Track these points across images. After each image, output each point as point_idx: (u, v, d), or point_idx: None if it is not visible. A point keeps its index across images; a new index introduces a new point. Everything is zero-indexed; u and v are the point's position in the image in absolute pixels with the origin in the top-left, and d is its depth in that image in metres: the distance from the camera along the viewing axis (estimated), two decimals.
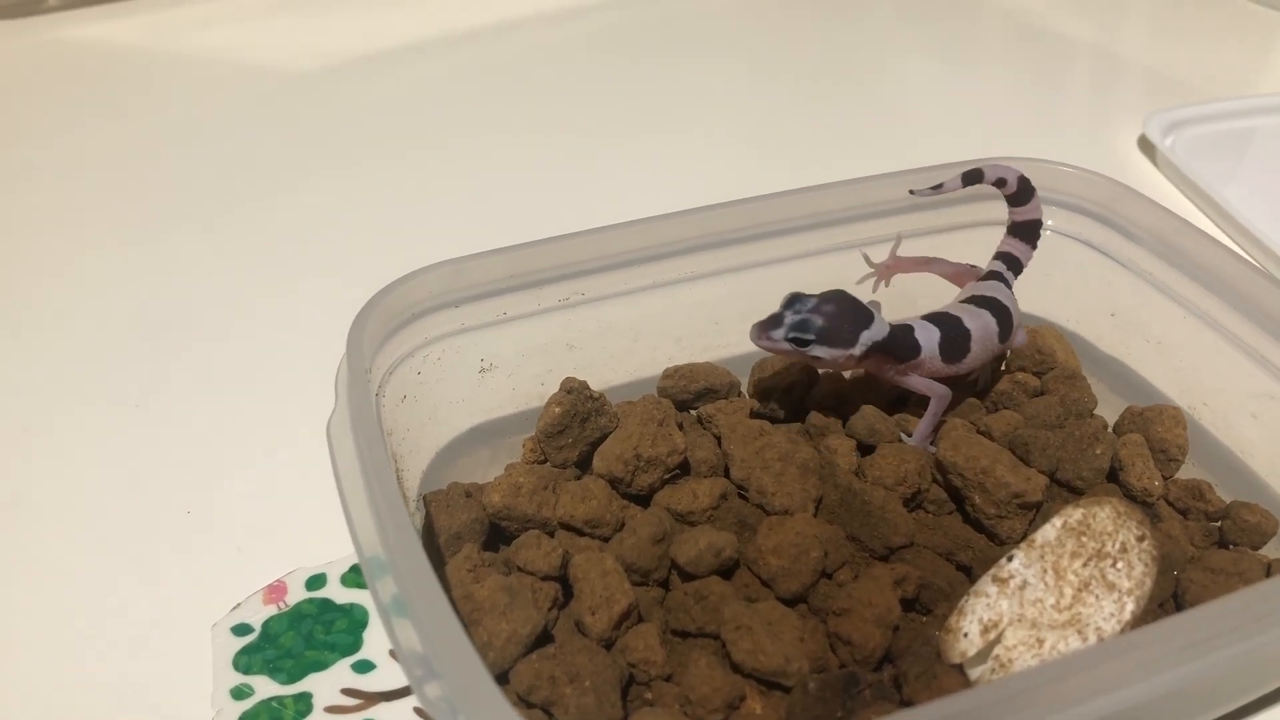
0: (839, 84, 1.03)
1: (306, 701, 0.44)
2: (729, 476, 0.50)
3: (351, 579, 0.50)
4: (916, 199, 0.56)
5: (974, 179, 0.54)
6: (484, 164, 0.86)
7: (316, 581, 0.50)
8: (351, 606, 0.49)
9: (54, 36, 1.08)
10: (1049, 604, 0.41)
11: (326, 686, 0.45)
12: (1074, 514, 0.43)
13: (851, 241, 0.58)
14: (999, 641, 0.41)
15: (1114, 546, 0.42)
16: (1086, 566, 0.41)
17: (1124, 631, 0.40)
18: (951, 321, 0.51)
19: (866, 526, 0.47)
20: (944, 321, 0.51)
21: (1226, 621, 0.36)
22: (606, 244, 0.54)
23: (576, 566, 0.44)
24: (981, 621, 0.41)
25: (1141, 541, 0.42)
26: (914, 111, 0.99)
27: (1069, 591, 0.41)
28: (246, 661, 0.46)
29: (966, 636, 0.41)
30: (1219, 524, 0.51)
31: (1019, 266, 0.56)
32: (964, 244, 0.59)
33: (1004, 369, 0.59)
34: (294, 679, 0.45)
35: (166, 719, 0.44)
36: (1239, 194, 0.78)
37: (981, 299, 0.53)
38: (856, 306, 0.49)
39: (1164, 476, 0.53)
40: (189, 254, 0.74)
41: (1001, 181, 0.54)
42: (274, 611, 0.48)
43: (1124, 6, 1.25)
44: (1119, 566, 0.41)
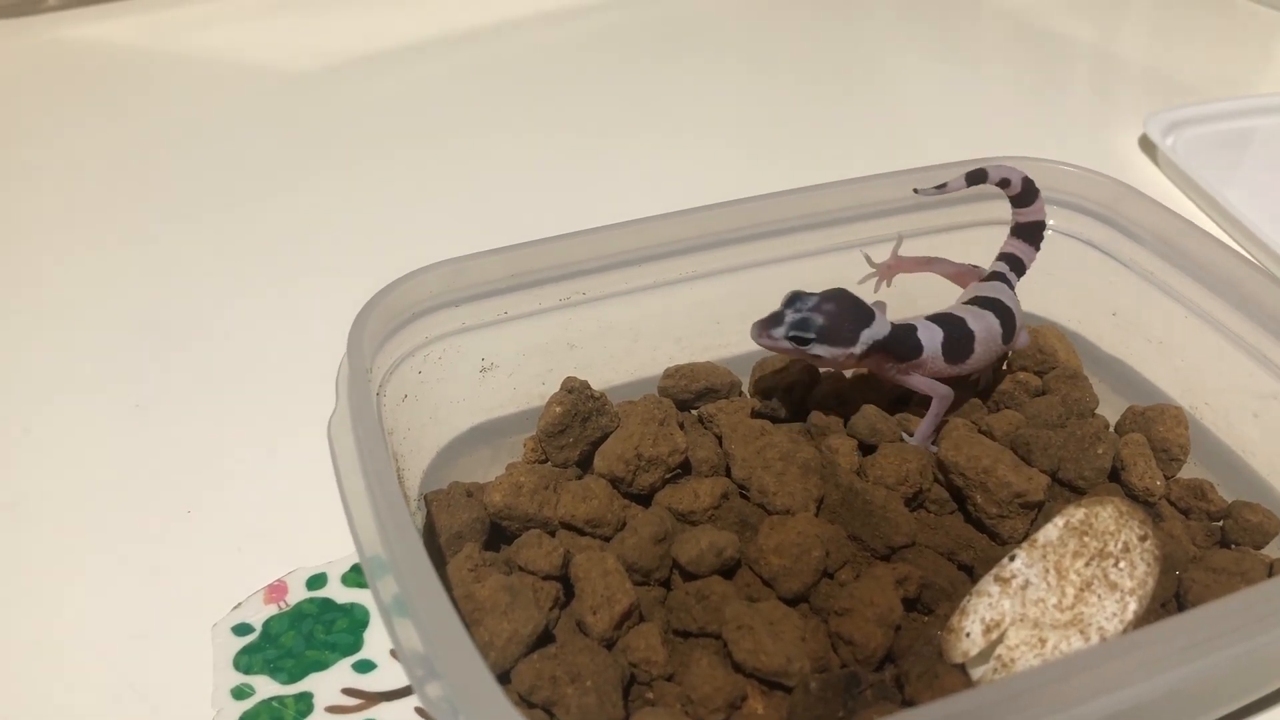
0: (839, 84, 1.03)
1: (307, 701, 0.44)
2: (730, 476, 0.50)
3: (352, 579, 0.50)
4: (917, 198, 0.56)
5: (978, 179, 0.54)
6: (484, 164, 0.86)
7: (317, 581, 0.49)
8: (352, 606, 0.48)
9: (54, 36, 1.08)
10: (1051, 604, 0.41)
11: (327, 686, 0.45)
12: (1076, 514, 0.43)
13: (852, 241, 0.58)
14: (1001, 641, 0.41)
15: (1116, 546, 0.42)
16: (1089, 566, 0.41)
17: (1126, 631, 0.40)
18: (955, 322, 0.51)
19: (868, 526, 0.47)
20: (948, 322, 0.51)
21: (1228, 621, 0.36)
22: (607, 243, 0.54)
23: (578, 566, 0.44)
24: (983, 621, 0.41)
25: (1144, 541, 0.42)
26: (914, 111, 0.99)
27: (1071, 591, 0.41)
28: (247, 661, 0.46)
29: (969, 636, 0.41)
30: (1221, 524, 0.51)
31: (1022, 267, 0.56)
32: (965, 244, 0.59)
33: (1005, 369, 0.58)
34: (295, 679, 0.45)
35: (167, 719, 0.43)
36: (1240, 194, 0.78)
37: (985, 300, 0.53)
38: (857, 305, 0.49)
39: (1166, 476, 0.52)
40: (189, 254, 0.74)
41: (1005, 182, 0.54)
42: (275, 611, 0.48)
43: (1124, 6, 1.26)
44: (1121, 566, 0.41)
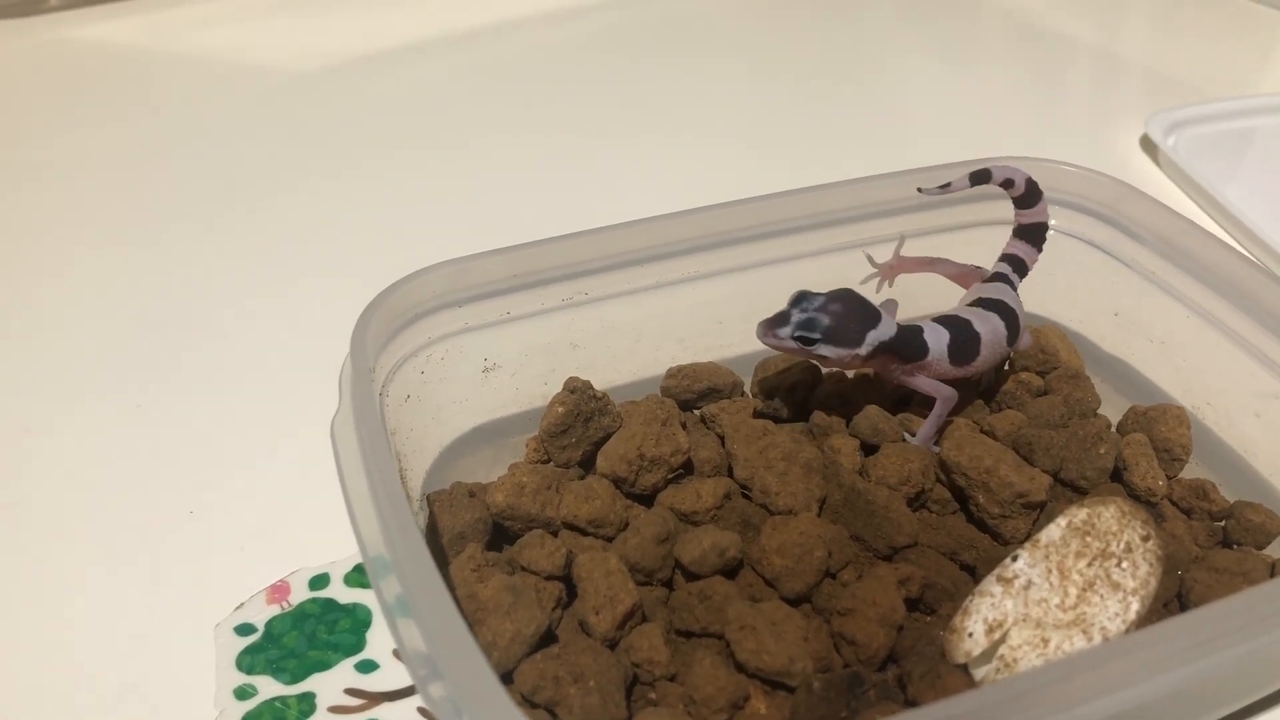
0: (839, 84, 1.03)
1: (310, 701, 0.44)
2: (733, 476, 0.50)
3: (355, 579, 0.50)
4: (919, 199, 0.56)
5: (982, 179, 0.54)
6: (485, 164, 0.86)
7: (320, 581, 0.49)
8: (355, 606, 0.48)
9: (54, 36, 1.08)
10: (1054, 604, 0.41)
11: (330, 686, 0.45)
12: (1078, 514, 0.43)
13: (854, 241, 0.58)
14: (1004, 641, 0.41)
15: (1119, 546, 0.42)
16: (1091, 566, 0.41)
17: (1129, 631, 0.40)
18: (961, 324, 0.51)
19: (870, 526, 0.47)
20: (954, 324, 0.51)
21: (1231, 621, 0.36)
22: (609, 244, 0.54)
23: (580, 566, 0.44)
24: (986, 621, 0.41)
25: (1146, 541, 0.42)
26: (915, 111, 0.99)
27: (1074, 591, 0.41)
28: (250, 661, 0.46)
29: (971, 636, 0.41)
30: (1223, 524, 0.51)
31: (1024, 269, 0.56)
32: (966, 244, 0.59)
33: (1007, 369, 0.58)
34: (297, 679, 0.45)
35: (169, 719, 0.43)
36: (1241, 193, 0.78)
37: (989, 302, 0.53)
38: (864, 306, 0.49)
39: (1168, 476, 0.53)
40: (190, 254, 0.74)
41: (1009, 183, 0.54)
42: (277, 611, 0.48)
43: (1125, 6, 1.26)
44: (1124, 566, 0.41)
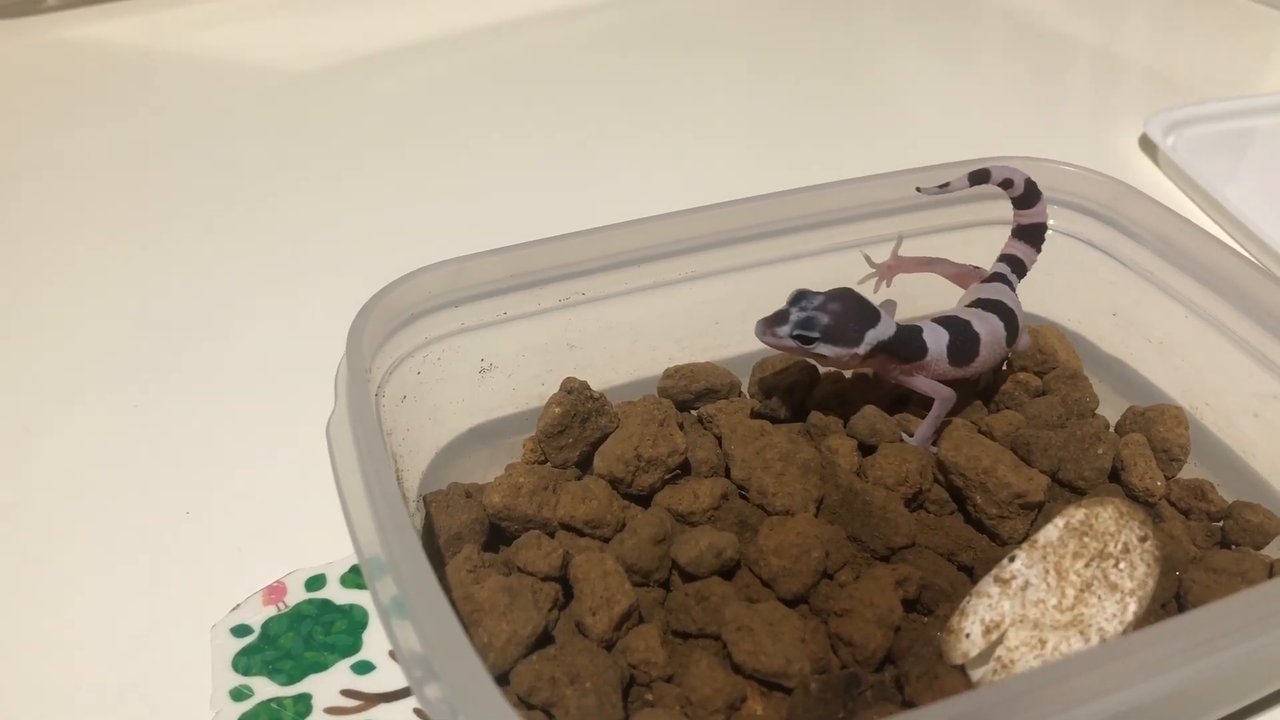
0: (839, 84, 1.03)
1: (306, 703, 0.44)
2: (730, 477, 0.50)
3: (351, 580, 0.50)
4: (917, 198, 0.56)
5: (981, 179, 0.54)
6: (484, 164, 0.86)
7: (316, 582, 0.49)
8: (351, 607, 0.48)
9: (54, 36, 1.08)
10: (1051, 605, 0.41)
11: (326, 688, 0.45)
12: (1076, 514, 0.43)
13: (853, 241, 0.58)
14: (1001, 642, 0.41)
15: (1116, 547, 0.42)
16: (1089, 567, 0.41)
17: (1126, 632, 0.40)
18: (960, 325, 0.51)
19: (868, 527, 0.47)
20: (953, 325, 0.51)
21: (1229, 622, 0.36)
22: (606, 244, 0.54)
23: (577, 567, 0.44)
24: (983, 622, 0.41)
25: (1144, 542, 0.42)
26: (914, 111, 0.99)
27: (1071, 592, 0.41)
28: (246, 663, 0.46)
29: (968, 637, 0.41)
30: (1221, 524, 0.51)
31: (1023, 269, 0.56)
32: (965, 244, 0.59)
33: (1005, 369, 0.58)
34: (293, 680, 0.45)
35: None
36: (1240, 193, 0.78)
37: (988, 302, 0.53)
38: (863, 305, 0.49)
39: (1166, 476, 0.52)
40: (188, 254, 0.74)
41: (1008, 183, 0.54)
42: (273, 612, 0.48)
43: (1125, 6, 1.25)
44: (1121, 567, 0.41)
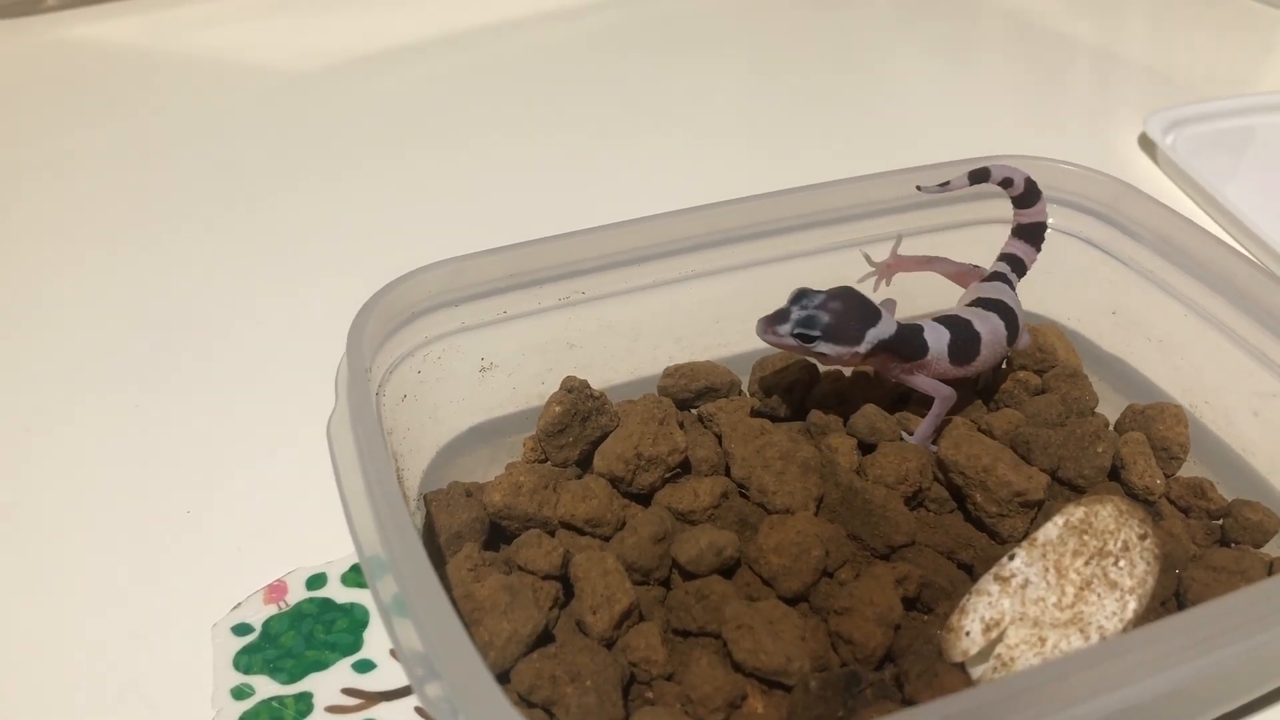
0: (839, 83, 1.03)
1: (307, 701, 0.44)
2: (730, 475, 0.50)
3: (352, 578, 0.50)
4: (917, 197, 0.56)
5: (981, 178, 0.53)
6: (484, 164, 0.86)
7: (317, 581, 0.49)
8: (352, 606, 0.48)
9: (53, 36, 1.08)
10: (1051, 603, 0.41)
11: (327, 686, 0.45)
12: (1076, 512, 0.43)
13: (852, 240, 0.58)
14: (1001, 640, 0.41)
15: (1116, 545, 0.42)
16: (1088, 565, 0.41)
17: (1126, 630, 0.40)
18: (961, 324, 0.51)
19: (868, 525, 0.47)
20: (954, 324, 0.51)
21: (1228, 620, 0.36)
22: (607, 242, 0.54)
23: (577, 566, 0.44)
24: (983, 620, 0.41)
25: (1143, 540, 0.42)
26: (914, 110, 0.99)
27: (1071, 590, 0.41)
28: (247, 661, 0.46)
29: (968, 635, 0.41)
30: (1221, 522, 0.51)
31: (1023, 268, 0.56)
32: (965, 243, 0.59)
33: (1005, 367, 0.58)
34: (294, 679, 0.45)
35: (167, 719, 0.43)
36: (1240, 192, 0.78)
37: (988, 301, 0.53)
38: (864, 304, 0.49)
39: (1165, 475, 0.52)
40: (188, 254, 0.74)
41: (1008, 182, 0.54)
42: (274, 611, 0.48)
43: (1124, 5, 1.25)
44: (1121, 565, 0.41)
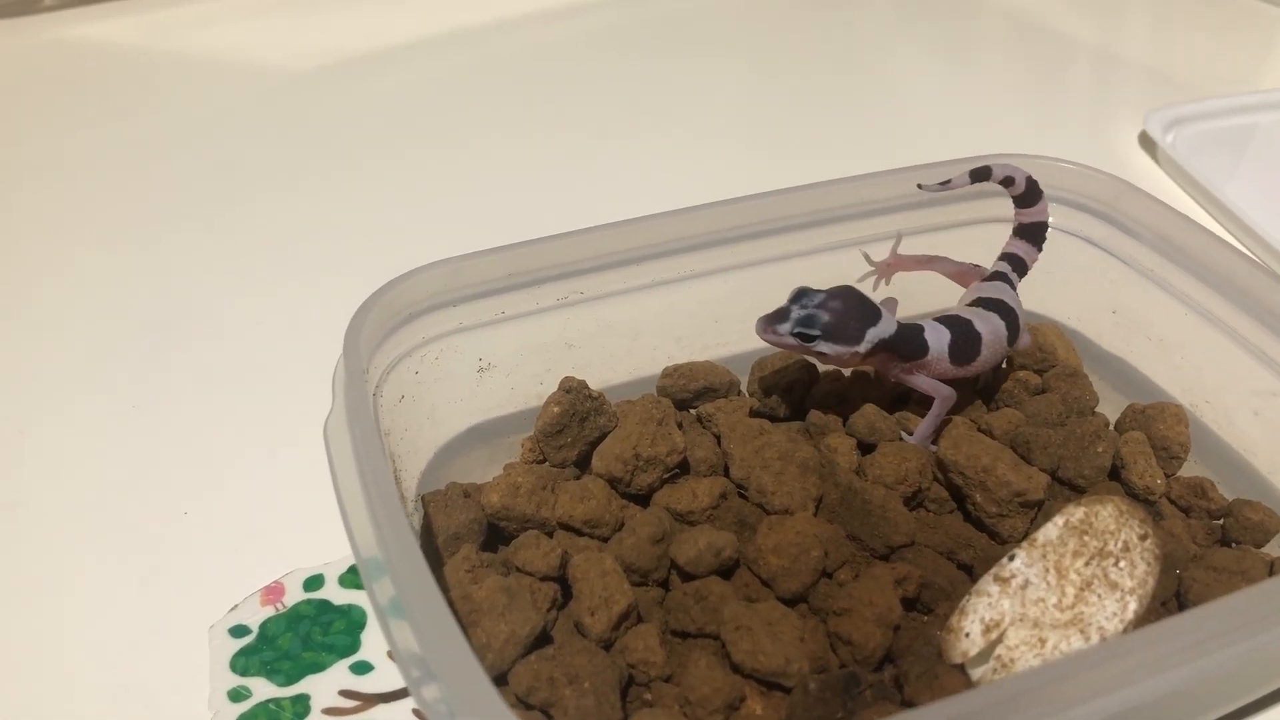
0: (839, 83, 1.03)
1: (304, 703, 0.44)
2: (729, 476, 0.50)
3: (349, 580, 0.49)
4: (917, 196, 0.56)
5: (982, 176, 0.53)
6: (483, 163, 0.86)
7: (314, 582, 0.49)
8: (349, 608, 0.48)
9: (51, 36, 1.07)
10: (1051, 603, 0.41)
11: (324, 688, 0.45)
12: (1076, 512, 0.43)
13: (852, 239, 0.58)
14: (1001, 641, 0.41)
15: (1116, 545, 0.42)
16: (1089, 565, 0.41)
17: (1126, 631, 0.40)
18: (962, 324, 0.51)
19: (867, 525, 0.47)
20: (955, 324, 0.51)
21: (1229, 620, 0.36)
22: (605, 242, 0.54)
23: (575, 567, 0.44)
24: (983, 621, 0.41)
25: (1144, 540, 0.42)
26: (914, 109, 0.98)
27: (1071, 591, 0.41)
28: (244, 663, 0.46)
29: (968, 636, 0.41)
30: (1221, 522, 0.51)
31: (1024, 268, 0.56)
32: (964, 242, 0.59)
33: (1005, 367, 0.58)
34: (291, 680, 0.45)
35: None
36: (1240, 190, 0.78)
37: (989, 301, 0.53)
38: (864, 303, 0.49)
39: (1166, 474, 0.52)
40: (186, 254, 0.74)
41: (1009, 181, 0.54)
42: (271, 613, 0.48)
43: (1124, 3, 1.25)
44: (1121, 565, 0.41)
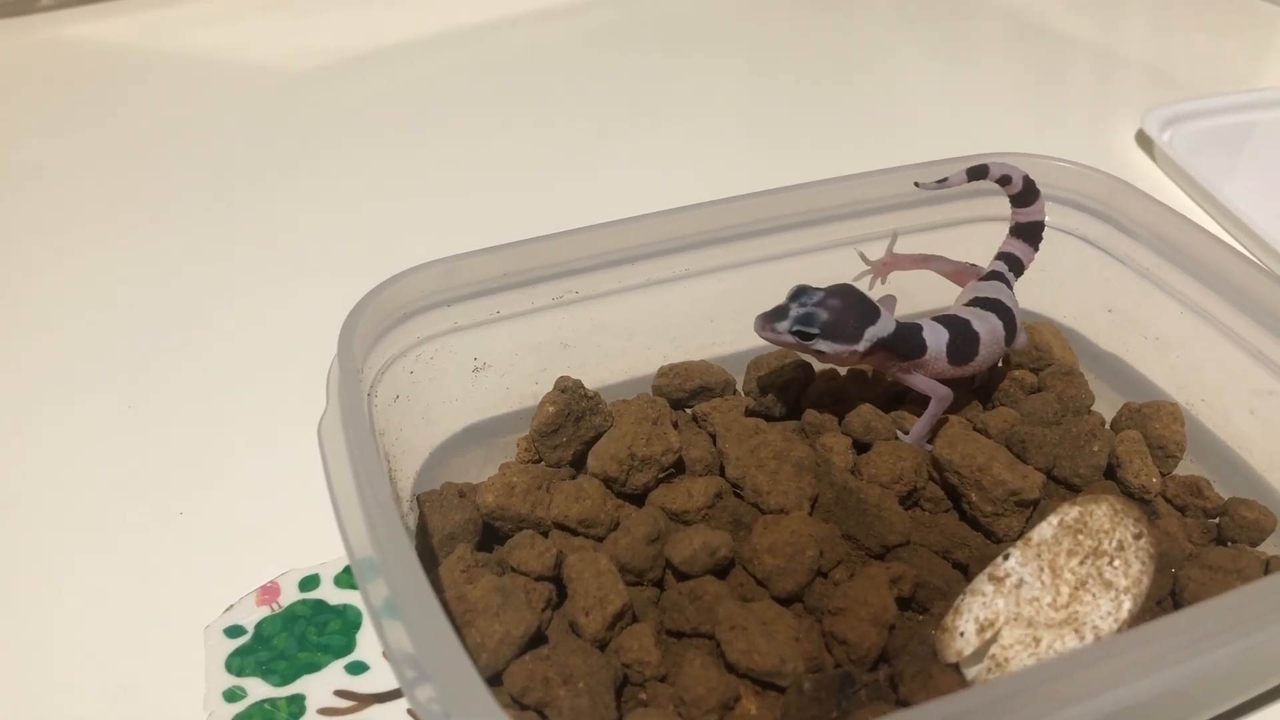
0: (839, 82, 1.03)
1: (299, 703, 0.44)
2: (724, 475, 0.50)
3: (345, 580, 0.49)
4: (914, 195, 0.56)
5: (979, 175, 0.53)
6: (480, 163, 0.86)
7: (310, 583, 0.49)
8: (345, 608, 0.48)
9: (48, 36, 1.07)
10: (1046, 602, 0.41)
11: (319, 688, 0.45)
12: (1071, 511, 0.43)
13: (848, 238, 0.58)
14: (995, 641, 0.40)
15: (1111, 544, 0.41)
16: (1083, 564, 0.41)
17: (1121, 630, 0.40)
18: (960, 324, 0.51)
19: (862, 525, 0.46)
20: (953, 324, 0.51)
21: (1224, 619, 0.36)
22: (600, 242, 0.54)
23: (570, 567, 0.44)
24: (978, 620, 0.41)
25: (1138, 539, 0.42)
26: (913, 108, 0.98)
27: (1066, 590, 0.41)
28: (239, 663, 0.46)
29: (963, 635, 0.41)
30: (1217, 521, 0.51)
31: (1020, 267, 0.56)
32: (960, 240, 0.59)
33: (1001, 365, 0.58)
34: (287, 681, 0.45)
35: None
36: (1237, 189, 0.78)
37: (987, 301, 0.53)
38: (863, 302, 0.49)
39: (1162, 473, 0.52)
40: (182, 254, 0.74)
41: (1006, 179, 0.54)
42: (267, 613, 0.48)
43: (1123, 2, 1.25)
44: (1116, 564, 0.41)
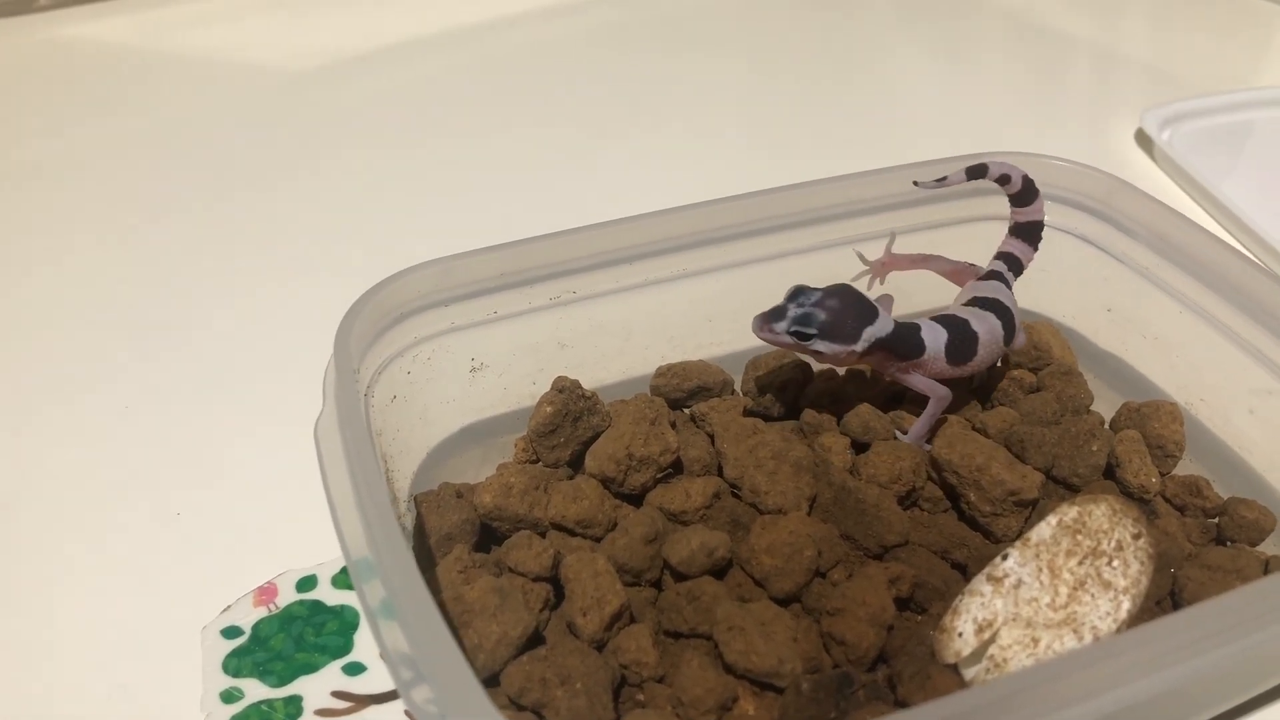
0: (837, 81, 1.03)
1: (297, 704, 0.44)
2: (722, 475, 0.50)
3: (342, 580, 0.49)
4: (912, 194, 0.56)
5: (978, 174, 0.53)
6: (478, 162, 0.86)
7: (307, 583, 0.49)
8: (342, 608, 0.48)
9: (46, 36, 1.07)
10: (1044, 603, 0.41)
11: (317, 689, 0.45)
12: (1069, 511, 0.43)
13: (846, 238, 0.58)
14: (994, 641, 0.40)
15: (1110, 544, 0.41)
16: (1082, 565, 0.41)
17: (1120, 630, 0.40)
18: (959, 324, 0.51)
19: (861, 525, 0.46)
20: (951, 323, 0.51)
21: (1224, 619, 0.36)
22: (598, 241, 0.53)
23: (568, 567, 0.44)
24: (976, 621, 0.41)
25: (1137, 539, 0.42)
26: (912, 107, 0.98)
27: (1064, 590, 0.41)
28: (236, 664, 0.45)
29: (961, 636, 0.41)
30: (1216, 520, 0.51)
31: (1019, 267, 0.55)
32: (959, 240, 0.59)
33: (999, 365, 0.58)
34: (284, 682, 0.45)
35: None
36: (1236, 188, 0.78)
37: (986, 301, 0.52)
38: (861, 302, 0.49)
39: (1161, 473, 0.52)
40: (180, 254, 0.74)
41: (1005, 179, 0.54)
42: (264, 614, 0.48)
43: (1122, 2, 1.25)
44: (1115, 564, 0.41)
